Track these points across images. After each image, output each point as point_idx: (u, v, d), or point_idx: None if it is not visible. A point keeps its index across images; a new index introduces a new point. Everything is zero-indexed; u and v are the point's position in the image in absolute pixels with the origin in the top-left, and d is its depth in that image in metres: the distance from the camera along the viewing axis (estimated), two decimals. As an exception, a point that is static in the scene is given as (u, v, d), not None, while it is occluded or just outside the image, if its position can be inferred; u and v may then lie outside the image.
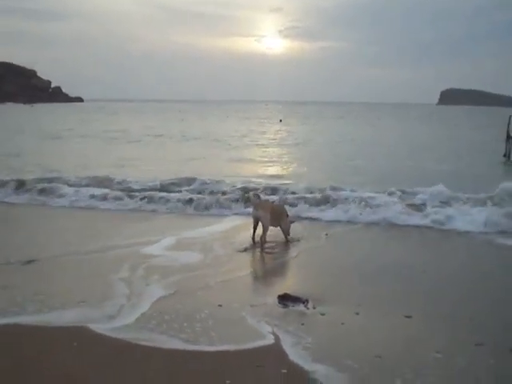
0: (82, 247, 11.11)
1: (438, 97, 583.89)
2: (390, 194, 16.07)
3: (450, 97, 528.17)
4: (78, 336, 6.80)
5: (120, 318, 7.45)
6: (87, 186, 18.15)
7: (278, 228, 12.01)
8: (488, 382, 5.85)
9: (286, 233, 12.00)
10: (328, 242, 12.06)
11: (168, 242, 11.55)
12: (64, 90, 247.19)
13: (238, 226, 13.36)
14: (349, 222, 14.01)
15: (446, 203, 15.05)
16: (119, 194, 16.89)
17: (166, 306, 7.88)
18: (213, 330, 7.04)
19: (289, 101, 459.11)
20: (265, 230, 11.56)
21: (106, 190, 17.18)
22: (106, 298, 8.20)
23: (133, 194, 16.85)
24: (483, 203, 14.85)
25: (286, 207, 12.95)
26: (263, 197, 13.89)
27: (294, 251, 11.32)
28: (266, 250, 11.27)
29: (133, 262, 10.05)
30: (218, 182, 18.39)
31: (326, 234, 12.56)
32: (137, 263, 9.95)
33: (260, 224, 11.63)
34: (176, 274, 9.39)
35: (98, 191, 17.07)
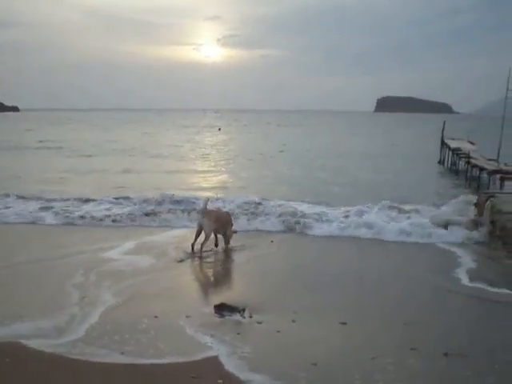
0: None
1: (375, 104, 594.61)
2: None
3: (386, 104, 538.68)
4: (11, 352, 6.60)
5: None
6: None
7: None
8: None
9: (227, 241, 12.06)
10: (270, 251, 12.05)
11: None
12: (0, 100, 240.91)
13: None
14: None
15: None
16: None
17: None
18: (149, 341, 6.96)
19: (229, 109, 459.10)
20: (206, 237, 11.59)
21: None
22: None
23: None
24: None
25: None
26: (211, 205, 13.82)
27: (236, 259, 11.35)
28: (207, 260, 11.21)
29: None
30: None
31: (272, 241, 12.62)
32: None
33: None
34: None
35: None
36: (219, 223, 11.89)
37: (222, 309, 7.99)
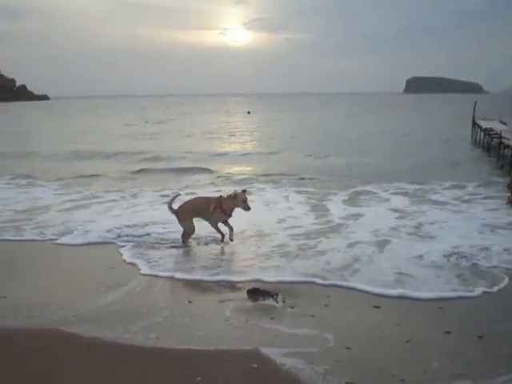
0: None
1: (404, 85, 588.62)
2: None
3: (416, 85, 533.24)
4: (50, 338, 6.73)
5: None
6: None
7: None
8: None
9: (214, 227, 11.25)
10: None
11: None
12: (29, 89, 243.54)
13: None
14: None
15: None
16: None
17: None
18: (184, 327, 7.05)
19: (256, 93, 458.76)
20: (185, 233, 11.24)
21: None
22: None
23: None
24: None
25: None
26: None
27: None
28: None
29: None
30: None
31: None
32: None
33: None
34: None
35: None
36: (195, 214, 11.21)
37: (255, 293, 8.04)
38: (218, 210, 10.98)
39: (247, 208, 10.94)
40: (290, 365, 5.88)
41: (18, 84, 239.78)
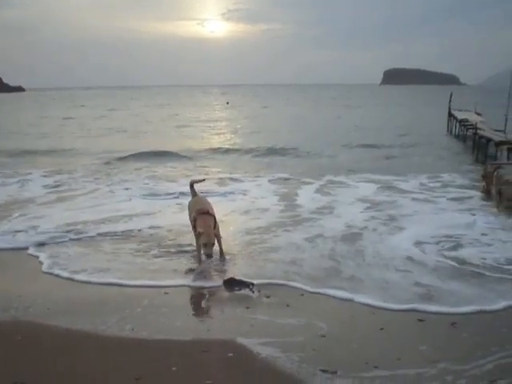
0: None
1: (382, 77, 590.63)
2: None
3: (393, 76, 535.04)
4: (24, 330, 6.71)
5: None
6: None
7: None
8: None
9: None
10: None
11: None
12: (5, 80, 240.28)
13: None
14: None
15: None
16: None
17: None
18: (159, 318, 7.07)
19: (235, 84, 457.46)
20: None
21: None
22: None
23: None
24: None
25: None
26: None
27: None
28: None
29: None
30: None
31: None
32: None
33: None
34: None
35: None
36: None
37: (230, 283, 8.07)
38: None
39: None
40: (266, 353, 5.93)
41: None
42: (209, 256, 8.77)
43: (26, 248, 10.32)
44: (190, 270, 8.89)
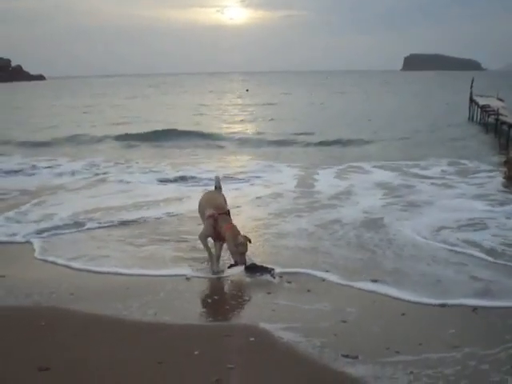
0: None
1: (402, 63, 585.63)
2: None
3: (414, 62, 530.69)
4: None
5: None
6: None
7: None
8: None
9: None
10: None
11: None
12: (25, 68, 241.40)
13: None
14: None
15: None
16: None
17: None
18: (182, 303, 7.13)
19: (255, 71, 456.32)
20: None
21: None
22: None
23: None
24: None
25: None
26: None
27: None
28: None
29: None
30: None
31: None
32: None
33: None
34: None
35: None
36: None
37: (252, 269, 8.08)
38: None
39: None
40: (288, 338, 5.96)
41: (13, 64, 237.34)
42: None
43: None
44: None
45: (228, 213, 8.40)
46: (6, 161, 20.47)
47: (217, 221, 8.17)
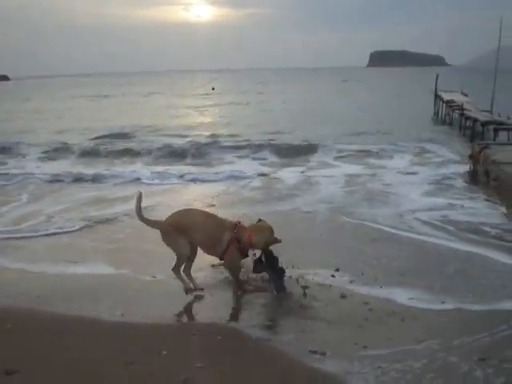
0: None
1: (368, 59, 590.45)
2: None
3: (379, 59, 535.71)
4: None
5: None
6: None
7: None
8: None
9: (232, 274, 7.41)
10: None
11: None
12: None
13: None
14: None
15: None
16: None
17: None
18: (149, 302, 7.07)
19: (220, 69, 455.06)
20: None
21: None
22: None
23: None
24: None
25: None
26: None
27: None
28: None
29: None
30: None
31: None
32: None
33: None
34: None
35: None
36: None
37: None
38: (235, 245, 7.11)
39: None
40: (256, 336, 5.96)
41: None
42: None
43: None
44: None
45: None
46: None
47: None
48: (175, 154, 20.93)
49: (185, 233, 7.04)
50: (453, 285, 7.48)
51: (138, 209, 7.07)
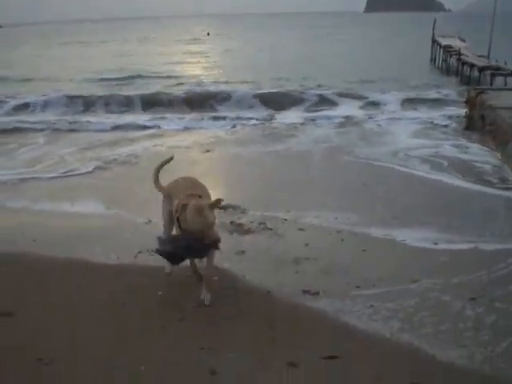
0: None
1: (365, 5, 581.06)
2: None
3: (377, 3, 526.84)
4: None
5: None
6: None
7: None
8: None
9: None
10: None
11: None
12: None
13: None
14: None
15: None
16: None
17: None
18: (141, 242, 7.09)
19: (212, 14, 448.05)
20: None
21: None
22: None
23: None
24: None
25: None
26: None
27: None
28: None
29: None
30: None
31: None
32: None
33: None
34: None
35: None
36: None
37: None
38: None
39: None
40: (250, 277, 6.01)
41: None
42: None
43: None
44: None
45: None
46: None
47: None
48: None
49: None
50: (455, 223, 7.60)
51: (157, 170, 6.18)
